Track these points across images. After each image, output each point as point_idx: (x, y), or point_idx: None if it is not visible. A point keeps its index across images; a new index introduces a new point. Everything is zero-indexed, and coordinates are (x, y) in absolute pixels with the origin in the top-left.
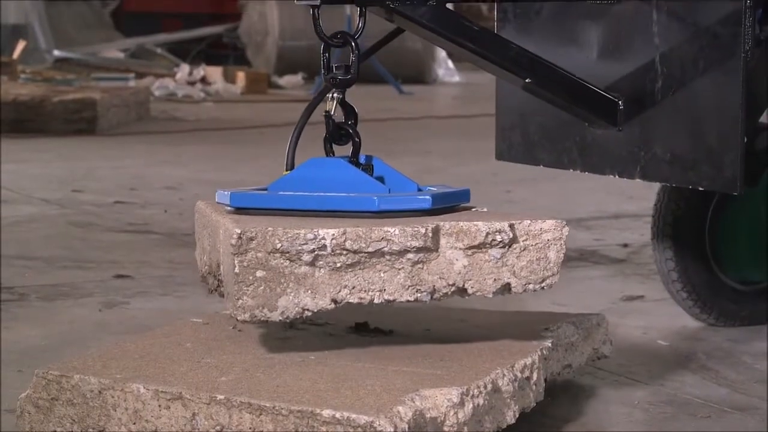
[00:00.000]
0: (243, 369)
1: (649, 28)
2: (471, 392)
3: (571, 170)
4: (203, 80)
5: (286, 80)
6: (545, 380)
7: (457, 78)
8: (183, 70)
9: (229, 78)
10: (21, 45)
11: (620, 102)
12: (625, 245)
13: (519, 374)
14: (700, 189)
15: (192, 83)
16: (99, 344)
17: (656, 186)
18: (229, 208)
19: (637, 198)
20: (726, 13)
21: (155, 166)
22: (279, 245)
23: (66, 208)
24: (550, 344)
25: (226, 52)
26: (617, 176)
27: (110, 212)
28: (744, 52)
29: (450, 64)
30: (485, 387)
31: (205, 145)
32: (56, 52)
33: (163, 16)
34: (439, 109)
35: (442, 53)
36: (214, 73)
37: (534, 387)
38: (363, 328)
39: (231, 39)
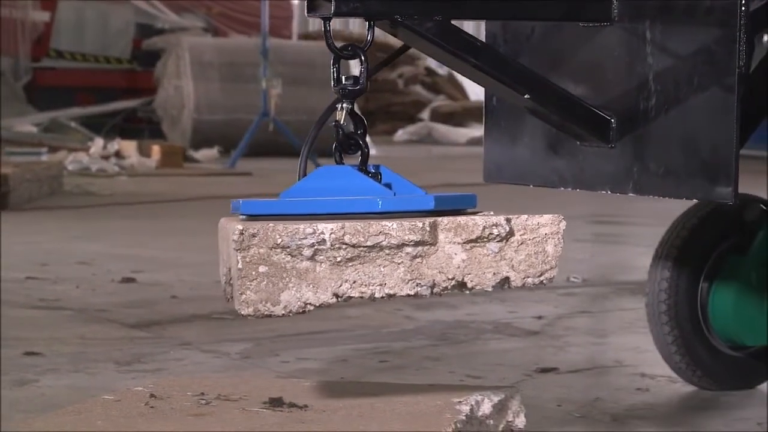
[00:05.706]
0: None
1: (643, 48)
2: None
3: (562, 188)
4: (117, 154)
5: (201, 154)
6: None
7: (373, 152)
8: (97, 144)
9: (144, 152)
10: None
11: (613, 120)
12: (540, 317)
13: None
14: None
15: (106, 157)
16: (7, 423)
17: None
18: (242, 217)
19: None
20: (720, 30)
21: (68, 242)
22: (280, 240)
23: None
24: (464, 417)
25: (141, 126)
26: (609, 192)
27: (21, 288)
28: (738, 67)
29: None
30: None
31: (119, 220)
32: None
33: (77, 90)
34: None
35: None
36: (129, 147)
37: None
38: (277, 403)
39: (146, 113)
